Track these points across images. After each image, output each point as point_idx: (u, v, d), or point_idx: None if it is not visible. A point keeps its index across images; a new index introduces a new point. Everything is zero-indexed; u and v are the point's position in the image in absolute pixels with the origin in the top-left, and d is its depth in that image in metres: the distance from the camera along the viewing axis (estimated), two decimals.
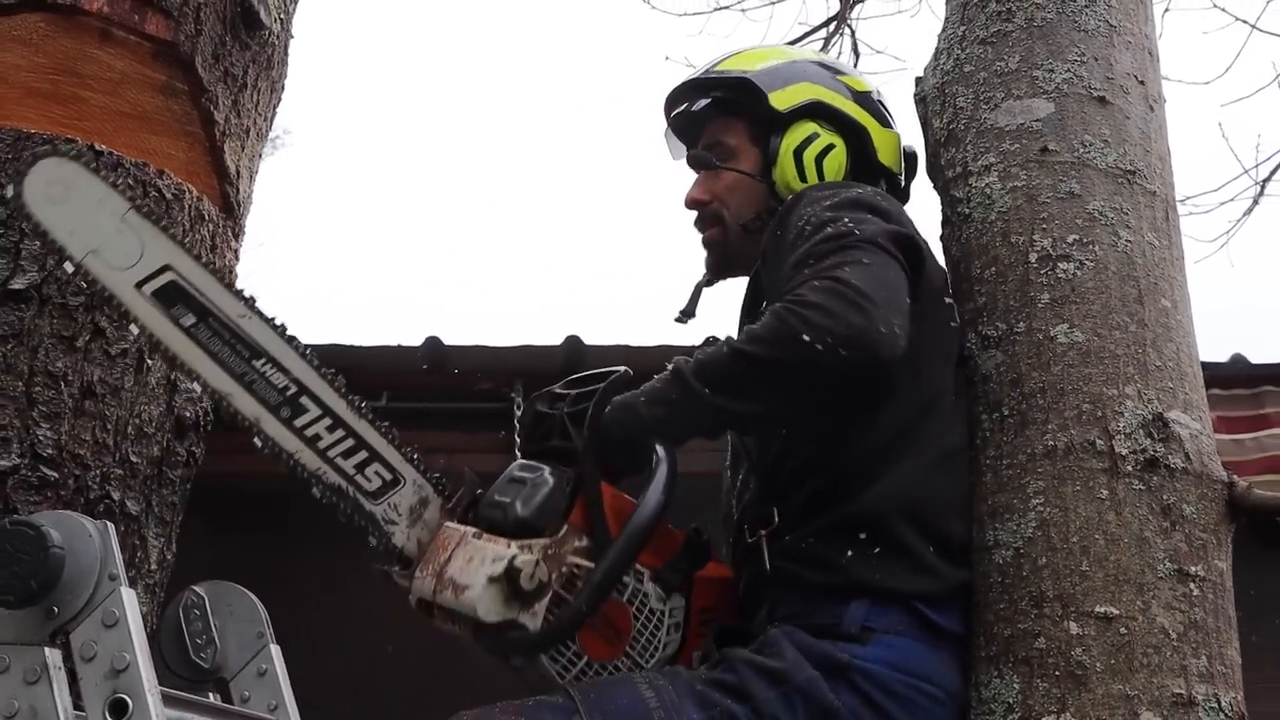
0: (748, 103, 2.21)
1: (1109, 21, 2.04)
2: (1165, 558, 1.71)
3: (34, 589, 1.65)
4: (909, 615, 1.79)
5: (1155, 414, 1.77)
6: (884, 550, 1.81)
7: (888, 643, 1.76)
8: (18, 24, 2.08)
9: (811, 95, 2.19)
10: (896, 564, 1.80)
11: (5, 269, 1.90)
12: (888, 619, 1.78)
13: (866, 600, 1.79)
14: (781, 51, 2.36)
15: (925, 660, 1.78)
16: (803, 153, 2.15)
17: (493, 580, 1.68)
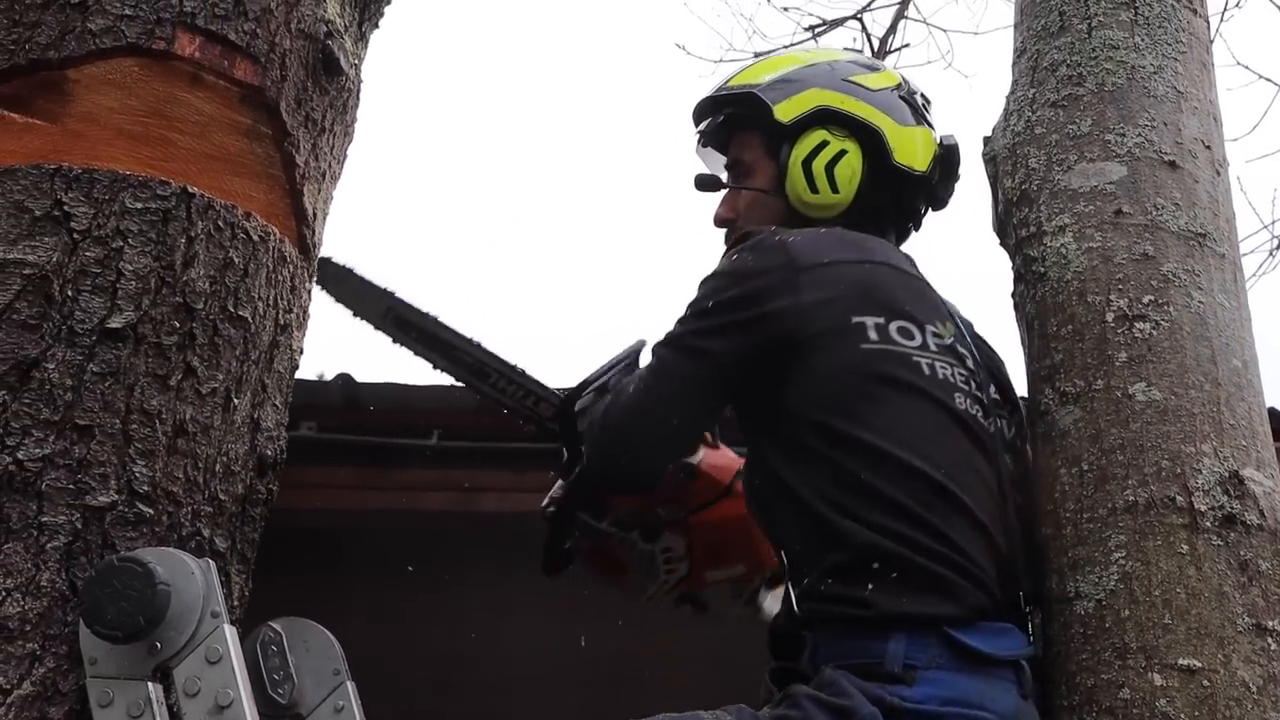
0: (758, 116, 2.24)
1: (1176, 88, 2.11)
2: (1244, 612, 1.76)
3: (141, 625, 1.68)
4: (945, 645, 1.79)
5: (1231, 471, 1.83)
6: (901, 575, 1.82)
7: (933, 679, 1.78)
8: (112, 68, 2.12)
9: (818, 102, 2.21)
10: (917, 586, 1.82)
11: (103, 308, 1.93)
12: (928, 654, 1.79)
13: (903, 634, 1.80)
14: (795, 57, 2.37)
15: (972, 688, 1.79)
16: (811, 163, 2.18)
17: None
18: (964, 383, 1.99)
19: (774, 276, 1.99)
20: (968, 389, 1.99)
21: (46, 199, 1.96)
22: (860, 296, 1.99)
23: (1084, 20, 2.18)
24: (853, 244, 2.08)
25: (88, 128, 2.09)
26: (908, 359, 1.96)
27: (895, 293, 2.02)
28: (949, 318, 2.08)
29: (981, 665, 1.81)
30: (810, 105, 2.20)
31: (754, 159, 2.28)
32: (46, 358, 1.88)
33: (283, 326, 2.20)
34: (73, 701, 1.74)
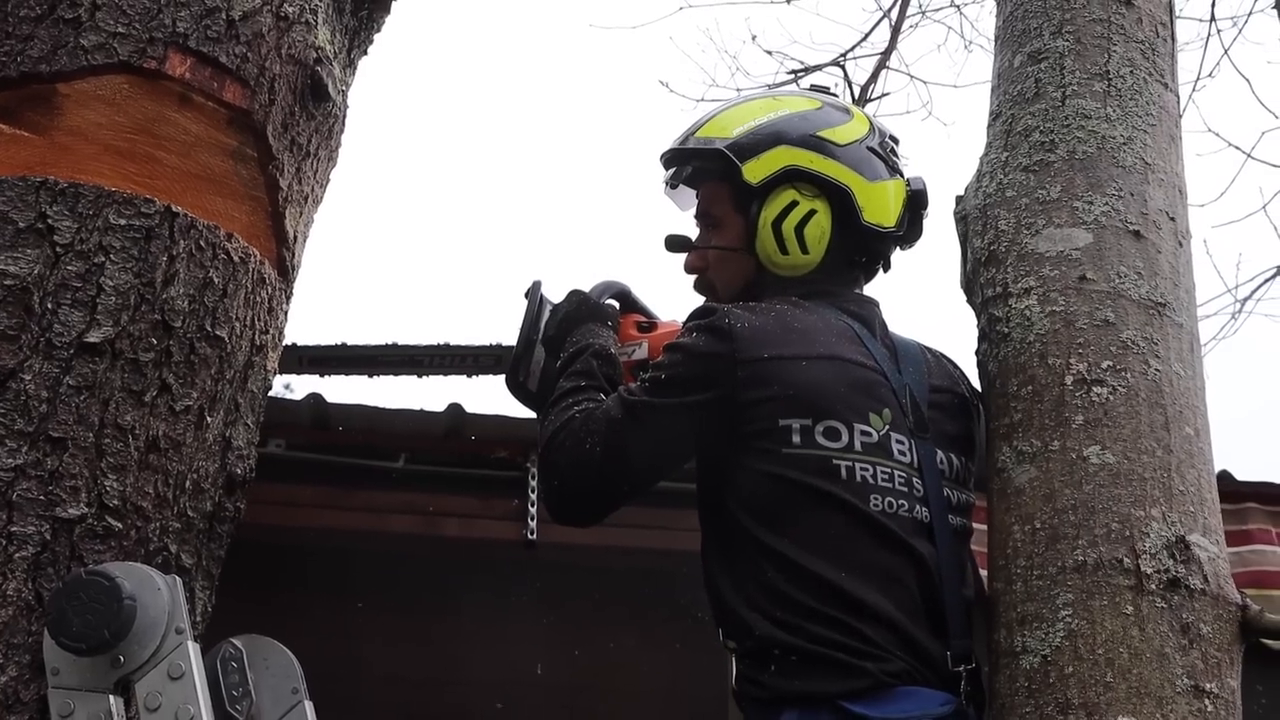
0: (726, 171, 2.24)
1: (1144, 159, 2.17)
2: (1183, 674, 1.81)
3: (106, 638, 1.70)
4: (836, 714, 1.89)
5: (1178, 536, 1.88)
6: (801, 659, 1.93)
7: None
8: (103, 84, 2.15)
9: (787, 161, 2.19)
10: (815, 669, 1.92)
11: (82, 322, 1.95)
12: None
13: (795, 709, 1.92)
14: (765, 106, 2.32)
15: None
16: (781, 224, 2.18)
17: None
18: (885, 480, 2.04)
19: (716, 364, 2.05)
20: (889, 486, 2.04)
21: (31, 211, 1.98)
22: (790, 399, 2.03)
23: (1059, 89, 2.24)
24: (798, 335, 2.10)
25: (75, 142, 2.12)
26: (827, 463, 2.01)
27: (828, 391, 2.05)
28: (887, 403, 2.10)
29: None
30: (778, 165, 2.19)
31: (723, 213, 2.29)
32: (23, 369, 1.90)
33: (258, 347, 2.23)
34: (33, 711, 1.75)
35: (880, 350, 2.16)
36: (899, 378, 2.14)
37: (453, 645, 3.76)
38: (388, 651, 2.26)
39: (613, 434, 2.08)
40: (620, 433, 2.08)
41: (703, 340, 2.09)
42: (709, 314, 2.12)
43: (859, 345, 2.14)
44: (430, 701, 3.55)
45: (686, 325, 2.14)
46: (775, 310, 2.13)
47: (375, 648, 3.66)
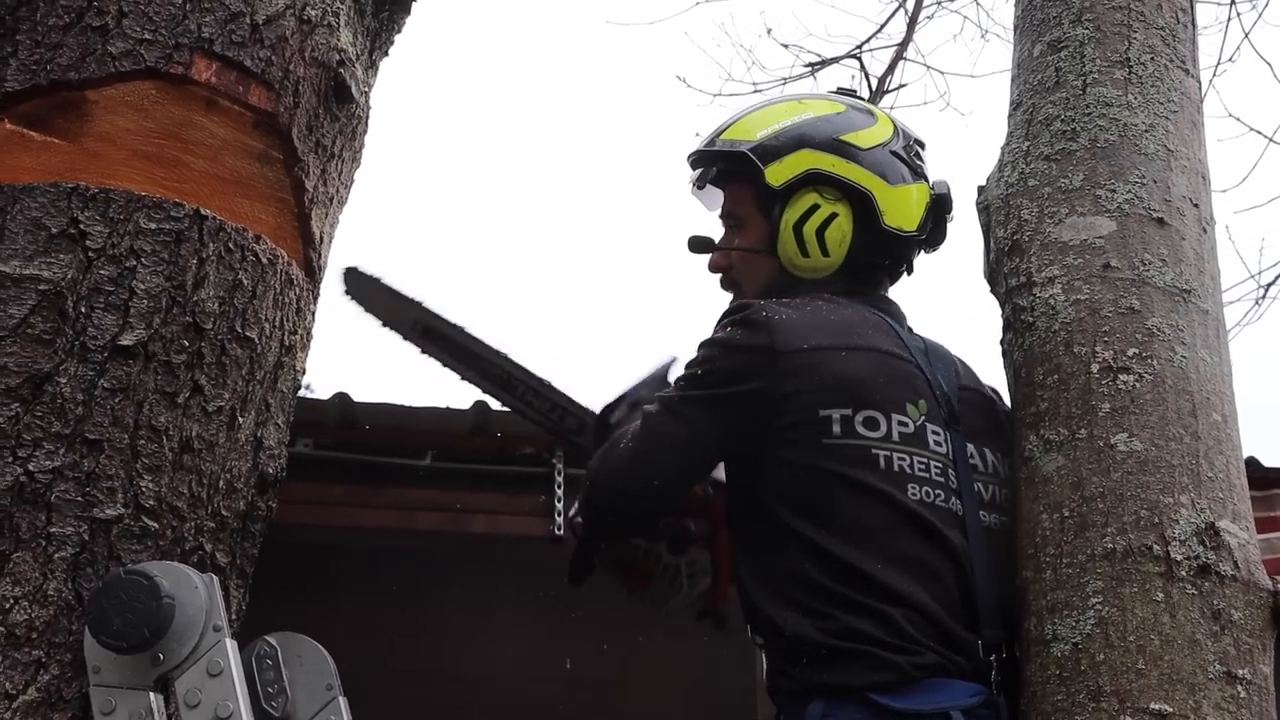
0: (750, 172, 2.26)
1: (1167, 146, 2.17)
2: (1215, 660, 1.81)
3: (146, 636, 1.73)
4: (865, 705, 1.91)
5: (1208, 523, 1.88)
6: (832, 654, 1.95)
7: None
8: (131, 90, 2.17)
9: (809, 165, 2.22)
10: (845, 664, 1.93)
11: (115, 325, 1.97)
12: (844, 711, 1.91)
13: (822, 698, 1.93)
14: (789, 109, 2.34)
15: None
16: (802, 227, 2.21)
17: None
18: (922, 470, 2.06)
19: (755, 356, 2.07)
20: (926, 476, 2.06)
21: (63, 216, 2.01)
22: (831, 388, 2.06)
23: (1079, 77, 2.24)
24: (835, 327, 2.12)
25: (104, 148, 2.14)
26: (866, 452, 2.03)
27: (868, 381, 2.08)
28: (922, 394, 2.13)
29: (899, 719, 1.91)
30: (800, 169, 2.21)
31: (746, 213, 2.31)
32: (59, 372, 1.92)
33: (287, 348, 2.25)
34: (76, 709, 1.78)
35: (914, 342, 2.20)
36: (931, 371, 2.16)
37: (481, 641, 3.78)
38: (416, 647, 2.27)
39: (647, 431, 2.11)
40: (654, 428, 2.11)
41: (740, 334, 2.10)
42: (745, 309, 2.14)
43: (894, 338, 2.17)
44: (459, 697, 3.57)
45: (721, 322, 2.16)
46: (810, 304, 2.16)
47: (404, 644, 3.69)
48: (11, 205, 2.01)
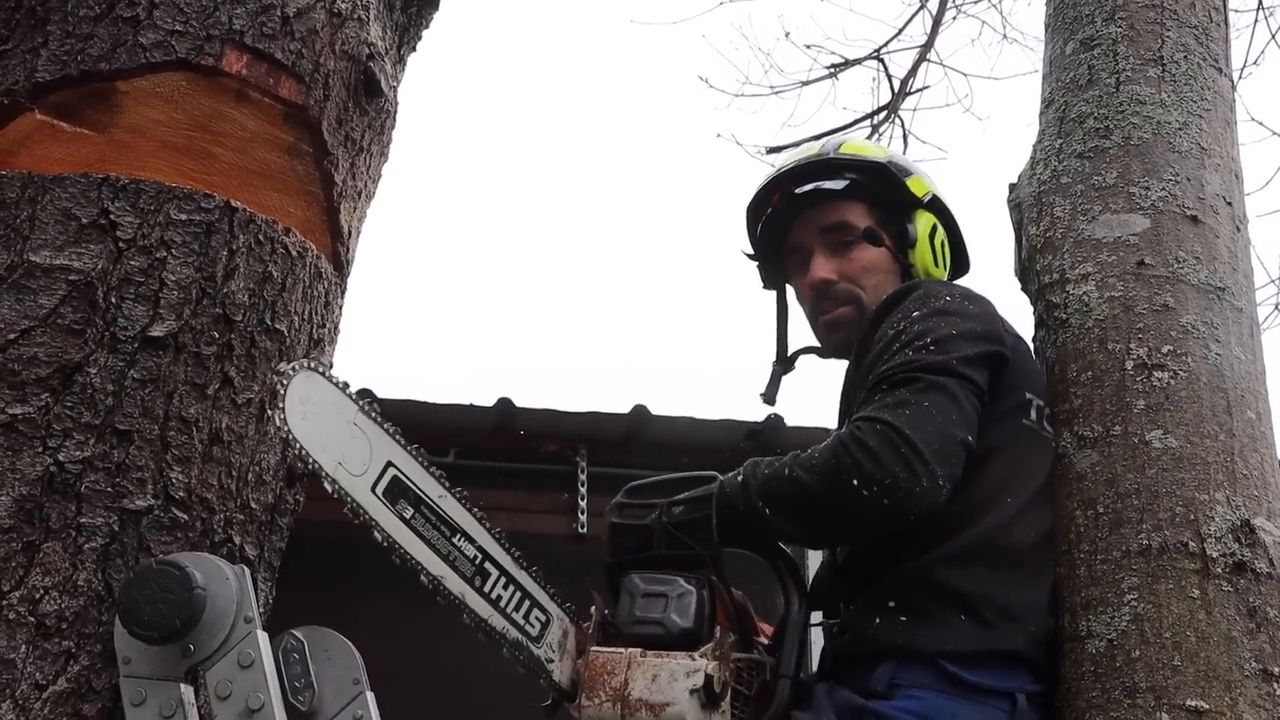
0: (877, 187, 2.32)
1: (1200, 144, 2.17)
2: (1251, 657, 1.80)
3: (177, 627, 1.72)
4: (935, 671, 1.90)
5: (1243, 520, 1.87)
6: (909, 619, 1.94)
7: (912, 695, 1.89)
8: (161, 81, 2.17)
9: (930, 189, 2.34)
10: (921, 628, 1.92)
11: (146, 316, 1.97)
12: (913, 675, 1.91)
13: (893, 661, 1.93)
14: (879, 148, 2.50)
15: (948, 707, 1.89)
16: (934, 238, 2.31)
17: (694, 692, 1.83)
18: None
19: (995, 322, 2.10)
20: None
21: (94, 207, 2.00)
22: (1032, 375, 2.13)
23: (1112, 75, 2.23)
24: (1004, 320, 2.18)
25: (134, 139, 2.14)
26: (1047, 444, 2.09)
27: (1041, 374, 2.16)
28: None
29: (968, 691, 1.89)
30: (927, 189, 2.33)
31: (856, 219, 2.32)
32: (89, 363, 1.92)
33: (316, 341, 2.24)
34: (106, 699, 1.77)
35: None
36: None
37: None
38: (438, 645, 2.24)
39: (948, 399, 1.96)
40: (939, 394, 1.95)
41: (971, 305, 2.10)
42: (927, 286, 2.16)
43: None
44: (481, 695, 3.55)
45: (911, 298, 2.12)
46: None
47: (425, 642, 3.67)
48: (42, 195, 2.00)
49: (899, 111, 6.36)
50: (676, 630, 1.91)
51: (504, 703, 3.80)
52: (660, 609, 1.93)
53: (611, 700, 1.88)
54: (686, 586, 1.94)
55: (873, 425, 1.90)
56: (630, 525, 2.05)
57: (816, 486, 1.90)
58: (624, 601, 1.99)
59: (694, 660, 1.85)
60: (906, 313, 2.07)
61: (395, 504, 1.94)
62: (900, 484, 1.86)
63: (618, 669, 1.90)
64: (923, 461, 1.87)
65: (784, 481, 1.93)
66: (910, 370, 1.97)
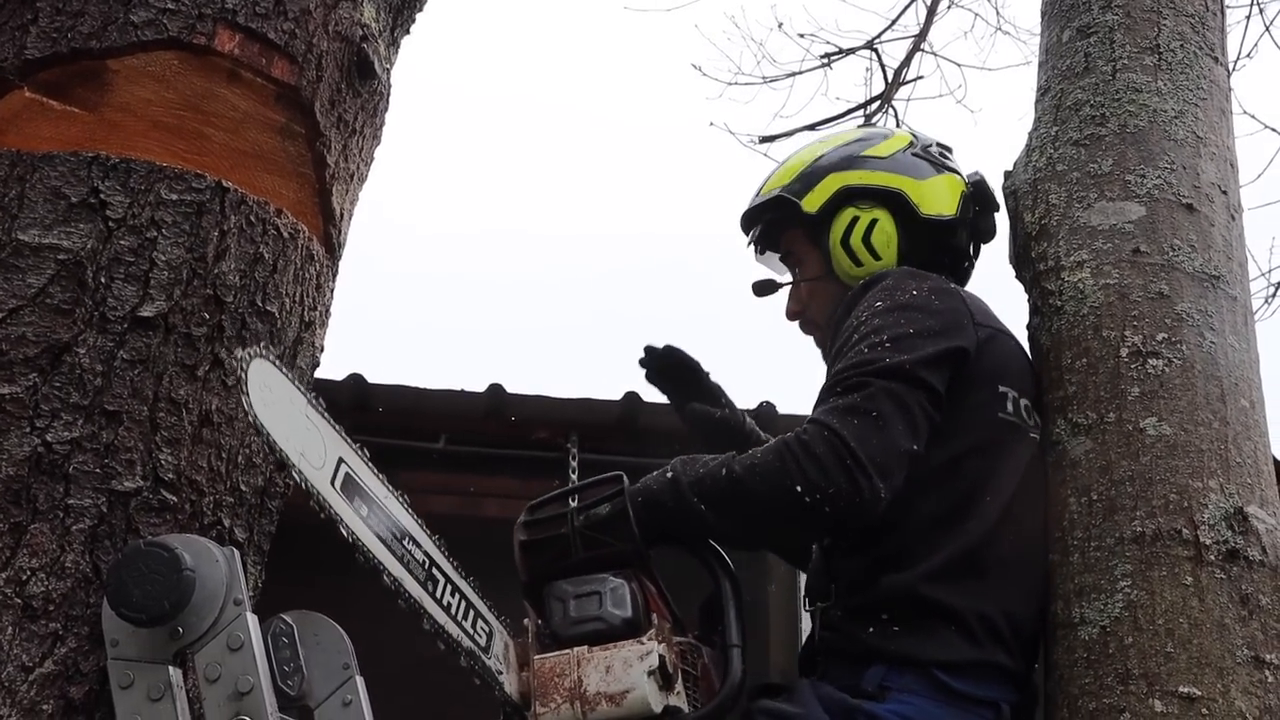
0: (791, 215, 2.35)
1: (1196, 133, 2.16)
2: (1243, 644, 1.81)
3: (166, 609, 1.70)
4: (925, 678, 1.91)
5: (1236, 508, 1.88)
6: (902, 630, 1.94)
7: (902, 699, 1.90)
8: (153, 60, 2.15)
9: (840, 184, 2.30)
10: (913, 639, 1.93)
11: (135, 296, 1.95)
12: (904, 680, 1.92)
13: (885, 665, 1.93)
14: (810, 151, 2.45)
15: (935, 714, 1.90)
16: (849, 240, 2.26)
17: (651, 674, 1.83)
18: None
19: (961, 317, 2.08)
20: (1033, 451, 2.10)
21: (83, 186, 1.99)
22: (1006, 367, 2.11)
23: (1109, 63, 2.23)
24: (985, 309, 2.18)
25: (124, 118, 2.12)
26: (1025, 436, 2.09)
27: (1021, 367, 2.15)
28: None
29: (956, 699, 1.91)
30: (831, 190, 2.30)
31: (801, 251, 2.38)
32: (78, 343, 1.90)
33: (307, 323, 2.23)
34: (93, 682, 1.76)
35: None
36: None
37: None
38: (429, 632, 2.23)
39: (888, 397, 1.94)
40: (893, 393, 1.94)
41: (935, 299, 2.09)
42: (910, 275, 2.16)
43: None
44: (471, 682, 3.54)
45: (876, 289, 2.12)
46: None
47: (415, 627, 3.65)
48: (31, 174, 1.98)
49: (893, 102, 6.35)
50: (618, 621, 1.90)
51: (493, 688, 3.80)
52: (596, 605, 1.93)
53: (568, 700, 1.87)
54: (617, 580, 1.94)
55: (820, 432, 1.90)
56: (541, 539, 2.04)
57: (758, 488, 1.91)
58: (555, 609, 1.97)
59: (643, 644, 1.86)
60: (870, 303, 2.08)
61: (352, 501, 1.89)
62: (842, 495, 1.87)
63: (567, 670, 1.89)
64: (865, 475, 1.87)
65: (722, 480, 1.93)
66: (864, 373, 1.96)
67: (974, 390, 2.05)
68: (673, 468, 2.00)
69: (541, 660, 1.94)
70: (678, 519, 1.97)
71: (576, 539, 1.99)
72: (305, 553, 3.55)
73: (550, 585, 2.00)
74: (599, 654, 1.89)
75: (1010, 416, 2.07)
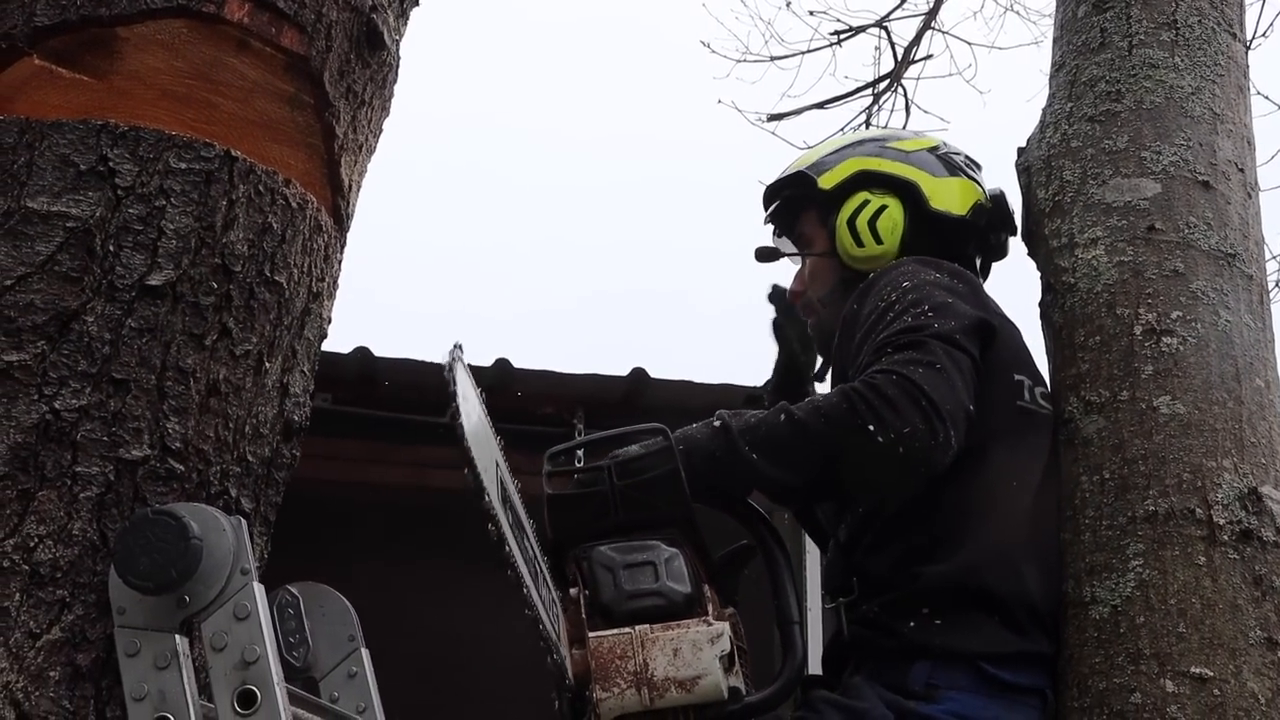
0: (808, 193, 2.36)
1: (1213, 110, 2.15)
2: (1256, 625, 1.80)
3: (173, 577, 1.69)
4: (972, 672, 1.90)
5: (1250, 488, 1.86)
6: (945, 623, 1.92)
7: (953, 697, 1.88)
8: (161, 28, 2.13)
9: (857, 167, 2.33)
10: (957, 633, 1.91)
11: (144, 265, 1.94)
12: (950, 676, 1.90)
13: (929, 661, 1.91)
14: (844, 138, 2.55)
15: (989, 709, 1.87)
16: (855, 221, 2.28)
17: (721, 657, 1.72)
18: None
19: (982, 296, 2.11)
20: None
21: (92, 154, 1.97)
22: (1020, 355, 2.12)
23: (1125, 38, 2.21)
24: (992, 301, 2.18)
25: (134, 86, 2.10)
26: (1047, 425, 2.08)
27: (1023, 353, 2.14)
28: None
29: (1004, 691, 1.89)
30: (850, 171, 2.32)
31: (810, 230, 2.41)
32: (86, 310, 1.88)
33: (315, 294, 2.22)
34: (100, 650, 1.75)
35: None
36: None
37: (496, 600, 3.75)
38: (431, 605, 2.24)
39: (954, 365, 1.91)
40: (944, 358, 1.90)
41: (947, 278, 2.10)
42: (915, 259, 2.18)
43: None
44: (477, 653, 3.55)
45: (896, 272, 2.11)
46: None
47: (419, 601, 3.66)
48: (40, 141, 1.97)
49: (902, 80, 6.32)
50: (679, 597, 1.78)
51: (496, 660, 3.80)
52: (652, 578, 1.80)
53: (634, 686, 1.73)
54: (670, 549, 1.83)
55: (889, 377, 1.85)
56: (575, 495, 1.94)
57: (824, 430, 1.83)
58: (603, 578, 1.84)
59: (711, 625, 1.74)
60: (896, 283, 2.06)
61: (506, 507, 1.82)
62: (918, 435, 1.81)
63: (629, 651, 1.75)
64: (940, 419, 1.82)
65: (780, 426, 1.86)
66: (916, 334, 1.93)
67: (994, 378, 2.04)
68: (719, 416, 1.93)
69: (599, 639, 1.79)
70: (724, 470, 1.89)
71: (617, 498, 1.88)
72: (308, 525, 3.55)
73: (590, 549, 1.88)
74: (664, 634, 1.75)
75: (1029, 404, 2.08)
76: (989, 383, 2.02)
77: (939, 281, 2.06)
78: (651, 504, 1.87)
